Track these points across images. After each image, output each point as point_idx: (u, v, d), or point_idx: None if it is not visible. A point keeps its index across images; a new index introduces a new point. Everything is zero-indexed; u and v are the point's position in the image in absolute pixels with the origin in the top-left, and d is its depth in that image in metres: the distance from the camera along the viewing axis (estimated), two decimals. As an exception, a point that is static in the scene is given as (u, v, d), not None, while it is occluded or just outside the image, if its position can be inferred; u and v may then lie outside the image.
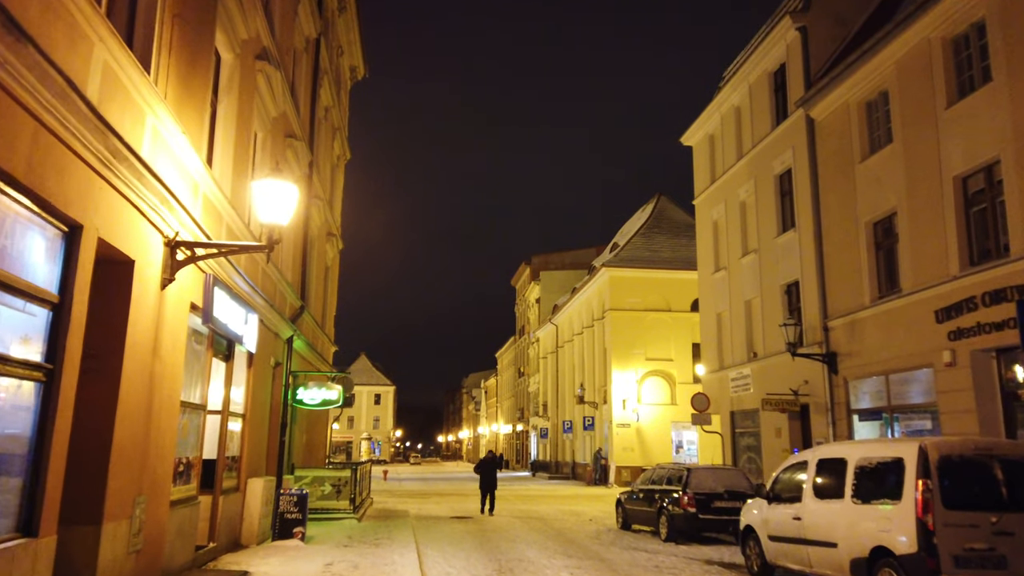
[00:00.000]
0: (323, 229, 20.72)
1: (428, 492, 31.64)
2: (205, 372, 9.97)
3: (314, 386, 16.40)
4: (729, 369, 23.13)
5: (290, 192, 8.04)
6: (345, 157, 25.17)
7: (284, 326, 14.50)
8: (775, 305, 20.45)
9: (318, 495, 16.99)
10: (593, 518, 19.85)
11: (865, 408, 16.55)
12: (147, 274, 7.20)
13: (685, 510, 14.11)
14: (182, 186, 8.06)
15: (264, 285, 12.91)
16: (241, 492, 12.06)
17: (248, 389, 12.34)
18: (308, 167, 17.16)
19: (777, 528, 10.00)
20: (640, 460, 36.44)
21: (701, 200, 26.15)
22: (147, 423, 7.41)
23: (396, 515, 19.35)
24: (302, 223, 16.93)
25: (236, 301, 10.32)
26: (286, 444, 15.84)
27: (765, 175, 21.26)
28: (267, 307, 12.74)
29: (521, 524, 17.95)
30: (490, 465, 20.94)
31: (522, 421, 68.18)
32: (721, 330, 24.22)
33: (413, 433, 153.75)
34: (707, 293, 25.49)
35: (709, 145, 25.65)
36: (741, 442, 22.76)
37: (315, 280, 19.67)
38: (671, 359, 37.96)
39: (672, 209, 44.55)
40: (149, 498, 7.54)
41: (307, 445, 19.70)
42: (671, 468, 15.67)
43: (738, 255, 22.86)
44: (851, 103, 17.20)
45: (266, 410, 13.82)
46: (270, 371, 14.05)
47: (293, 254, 16.22)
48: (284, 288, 14.79)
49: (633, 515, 16.58)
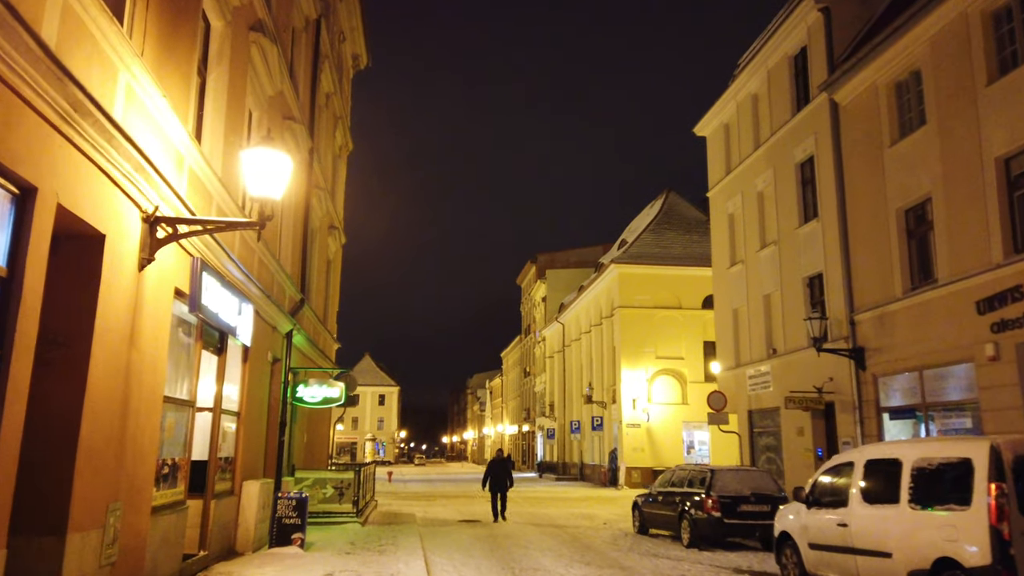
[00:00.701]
0: (325, 221, 19.92)
1: (434, 494, 30.82)
2: (194, 366, 9.16)
3: (315, 384, 15.61)
4: (747, 366, 22.25)
5: (283, 163, 7.22)
6: (348, 148, 24.36)
7: (283, 319, 13.70)
8: (796, 299, 19.58)
9: (319, 498, 16.18)
10: (607, 522, 18.99)
11: (896, 406, 15.67)
12: (121, 251, 6.39)
13: (709, 514, 13.25)
14: (163, 157, 7.24)
15: (260, 275, 12.10)
16: (236, 496, 11.25)
17: (243, 385, 11.53)
18: (308, 154, 16.36)
19: (819, 535, 9.14)
20: (651, 461, 35.59)
21: (716, 192, 25.28)
22: (123, 420, 6.60)
23: (401, 519, 18.53)
24: (302, 212, 16.13)
25: (228, 289, 9.51)
26: (285, 444, 15.04)
27: (785, 164, 20.39)
28: (264, 298, 11.93)
29: (533, 529, 17.10)
30: (500, 466, 19.37)
31: (528, 422, 67.32)
32: (738, 326, 23.34)
33: (418, 434, 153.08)
34: (722, 288, 24.61)
35: (724, 135, 24.78)
36: (760, 442, 21.87)
37: (316, 274, 18.87)
38: (682, 357, 37.07)
39: (682, 205, 43.68)
40: (126, 504, 6.72)
41: (308, 446, 18.90)
42: (692, 469, 14.80)
43: (756, 248, 21.99)
44: (879, 85, 16.32)
45: (263, 408, 13.01)
46: (268, 367, 13.24)
47: (293, 245, 15.41)
48: (282, 279, 13.98)
49: (651, 519, 15.73)
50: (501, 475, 18.93)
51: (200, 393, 9.65)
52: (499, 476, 18.92)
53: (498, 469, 19.12)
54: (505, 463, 19.49)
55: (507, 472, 19.07)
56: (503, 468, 19.15)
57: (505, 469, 19.13)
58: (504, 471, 19.03)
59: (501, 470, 19.06)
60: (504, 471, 19.03)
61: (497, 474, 18.99)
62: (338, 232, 22.12)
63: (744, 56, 23.80)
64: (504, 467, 19.20)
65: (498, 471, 19.05)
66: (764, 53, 21.61)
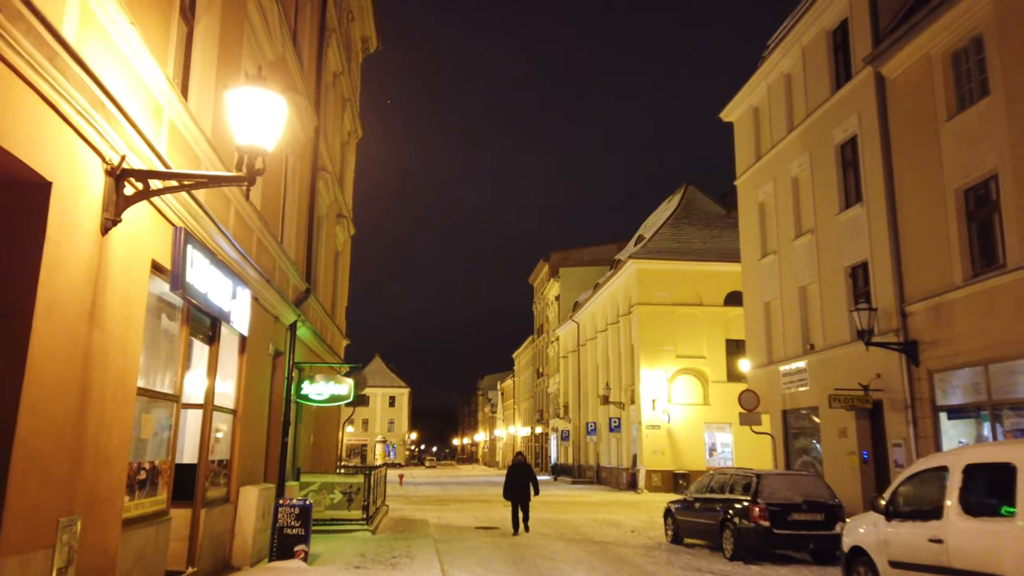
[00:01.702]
0: (333, 209, 18.74)
1: (447, 498, 29.58)
2: (179, 355, 7.96)
3: (321, 380, 14.43)
4: (780, 364, 20.91)
5: (277, 106, 6.00)
6: (357, 135, 23.20)
7: (286, 309, 12.51)
8: (837, 290, 18.24)
9: (327, 504, 14.97)
10: (635, 529, 17.70)
11: (955, 404, 14.33)
12: (76, 208, 5.20)
13: (757, 523, 11.94)
14: (133, 100, 6.05)
15: (260, 258, 10.92)
16: (232, 503, 10.05)
17: (240, 380, 10.34)
18: (314, 132, 15.19)
19: (903, 552, 7.84)
20: (671, 464, 34.27)
21: (744, 180, 23.96)
22: (81, 415, 5.41)
23: (414, 526, 17.30)
24: (307, 196, 14.95)
25: (220, 269, 8.32)
26: (289, 446, 13.85)
27: (823, 146, 19.06)
28: (263, 283, 10.74)
29: (556, 537, 15.84)
30: (520, 471, 16.91)
31: (541, 423, 66.01)
32: (770, 321, 22.00)
33: (428, 436, 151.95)
34: (752, 281, 23.27)
35: (753, 119, 23.45)
36: (795, 444, 20.53)
37: (324, 264, 17.70)
38: (703, 356, 35.73)
39: (701, 199, 42.33)
40: (86, 517, 5.52)
41: (315, 448, 17.70)
42: (734, 474, 13.49)
43: (790, 237, 20.65)
44: (933, 55, 14.99)
45: (264, 406, 11.82)
46: (269, 360, 12.05)
47: (297, 230, 14.23)
48: (286, 265, 12.79)
49: (686, 527, 14.43)
50: (522, 483, 16.56)
51: (187, 387, 8.45)
52: (520, 484, 16.54)
53: (518, 476, 16.76)
54: (525, 469, 17.01)
55: (529, 479, 16.67)
56: (524, 474, 16.79)
57: (526, 476, 16.73)
58: (525, 478, 16.66)
59: (521, 477, 16.71)
60: (525, 478, 16.66)
61: (517, 482, 16.62)
62: (347, 222, 20.94)
63: (774, 36, 22.48)
64: (524, 473, 16.81)
65: (518, 478, 16.70)
66: (798, 30, 20.30)
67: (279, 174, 12.38)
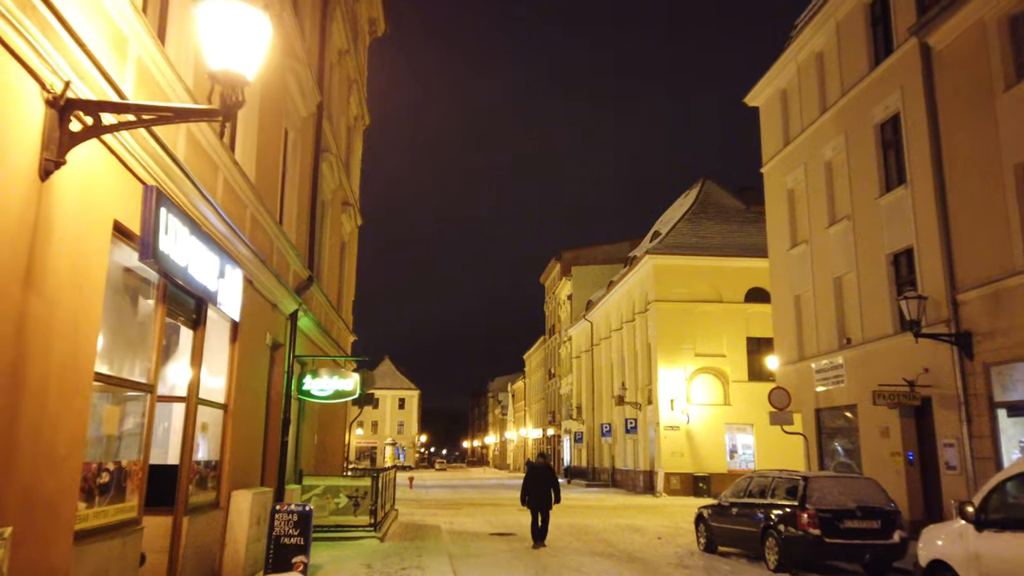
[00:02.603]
0: (338, 195, 17.67)
1: (459, 501, 28.45)
2: (154, 339, 6.88)
3: (326, 375, 13.37)
4: (813, 359, 19.67)
5: (258, 26, 4.88)
6: (364, 121, 22.15)
7: (285, 296, 11.43)
8: (877, 280, 17.00)
9: (331, 509, 13.88)
10: (661, 536, 16.52)
11: (1017, 400, 13.09)
12: (3, 141, 4.12)
13: (805, 532, 10.75)
14: (84, 20, 4.97)
15: (255, 236, 9.84)
16: (222, 509, 8.97)
17: (232, 372, 9.25)
18: (317, 109, 14.12)
19: (1003, 568, 6.66)
20: (690, 466, 33.03)
21: (771, 167, 22.74)
22: (12, 402, 4.32)
23: (425, 532, 16.19)
24: (309, 176, 13.88)
25: (204, 241, 7.24)
26: (290, 446, 12.76)
27: (861, 126, 17.84)
28: (258, 265, 9.67)
29: (579, 544, 14.70)
30: (541, 475, 14.59)
31: (553, 425, 64.80)
32: (801, 315, 20.77)
33: (438, 439, 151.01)
34: (781, 273, 22.05)
35: (781, 102, 22.24)
36: (829, 445, 19.29)
37: (328, 253, 16.62)
38: (723, 355, 34.47)
39: (718, 193, 41.07)
40: (22, 530, 4.44)
41: (320, 448, 16.61)
42: (777, 477, 12.28)
43: (823, 225, 19.42)
44: (988, 21, 13.78)
45: (260, 401, 10.73)
46: (266, 352, 10.97)
47: (298, 213, 13.16)
48: (285, 248, 11.72)
49: (721, 535, 13.25)
50: (543, 487, 14.31)
51: (166, 377, 7.39)
52: (541, 490, 14.30)
53: (539, 481, 14.46)
54: (547, 472, 14.72)
55: (551, 485, 14.45)
56: (545, 479, 14.48)
57: (548, 481, 14.49)
58: (547, 483, 14.42)
59: (543, 482, 14.43)
60: (547, 483, 14.42)
61: (538, 487, 14.35)
62: (353, 211, 19.88)
63: (804, 14, 21.26)
64: (546, 478, 14.53)
65: (539, 483, 14.40)
66: (831, 4, 19.08)
67: (277, 146, 11.31)
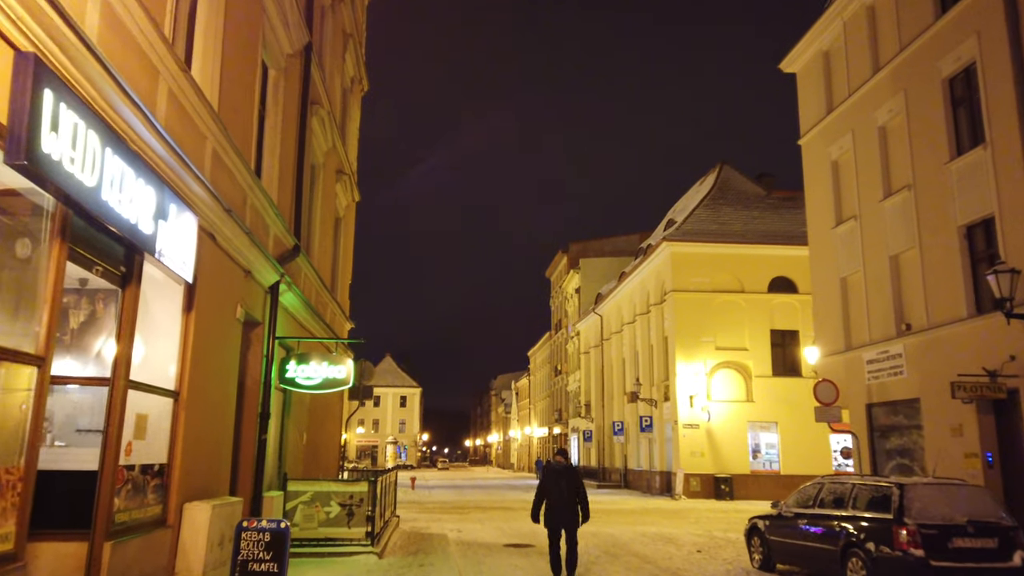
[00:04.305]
0: (331, 160, 15.59)
1: (465, 504, 26.37)
2: (45, 291, 4.79)
3: (314, 361, 11.28)
4: (864, 349, 17.56)
5: None
6: (362, 85, 20.07)
7: (263, 263, 9.35)
8: (946, 256, 14.89)
9: (321, 519, 11.78)
10: (700, 548, 14.43)
11: None
12: None
13: (905, 552, 8.65)
14: None
15: (219, 178, 7.77)
16: (171, 527, 6.90)
17: (186, 349, 7.18)
18: (304, 51, 12.04)
19: None
20: (711, 467, 30.94)
21: (811, 138, 20.61)
22: None
23: (431, 543, 14.13)
24: (294, 127, 11.79)
25: (130, 162, 5.20)
26: (270, 445, 10.70)
27: (924, 83, 15.72)
28: (222, 215, 7.60)
29: (608, 560, 12.62)
30: (561, 479, 9.95)
31: (560, 423, 62.72)
32: (848, 299, 18.65)
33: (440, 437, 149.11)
34: (823, 255, 19.92)
35: (823, 65, 20.11)
36: (884, 444, 17.17)
37: (320, 225, 14.54)
38: (746, 348, 32.35)
39: (737, 179, 38.98)
40: None
41: (310, 448, 14.51)
42: (860, 483, 10.15)
43: (877, 198, 17.30)
44: (1095, -56, 11.68)
45: (228, 389, 8.66)
46: (236, 328, 8.89)
47: (281, 168, 11.07)
48: (263, 205, 9.63)
49: (783, 551, 11.15)
50: (565, 498, 9.85)
51: (70, 348, 5.32)
52: (561, 500, 9.84)
53: (559, 487, 9.91)
54: (569, 476, 10.04)
55: (575, 491, 9.91)
56: (568, 485, 9.93)
57: (571, 487, 9.93)
58: (569, 490, 9.89)
59: (564, 488, 9.90)
60: (569, 490, 9.89)
61: (559, 496, 9.86)
62: (349, 182, 17.79)
63: (849, -33, 19.13)
64: (568, 483, 9.95)
65: (560, 491, 9.88)
66: (886, -50, 16.98)
67: (250, 78, 9.22)
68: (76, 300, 5.79)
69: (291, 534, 11.56)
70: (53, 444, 5.72)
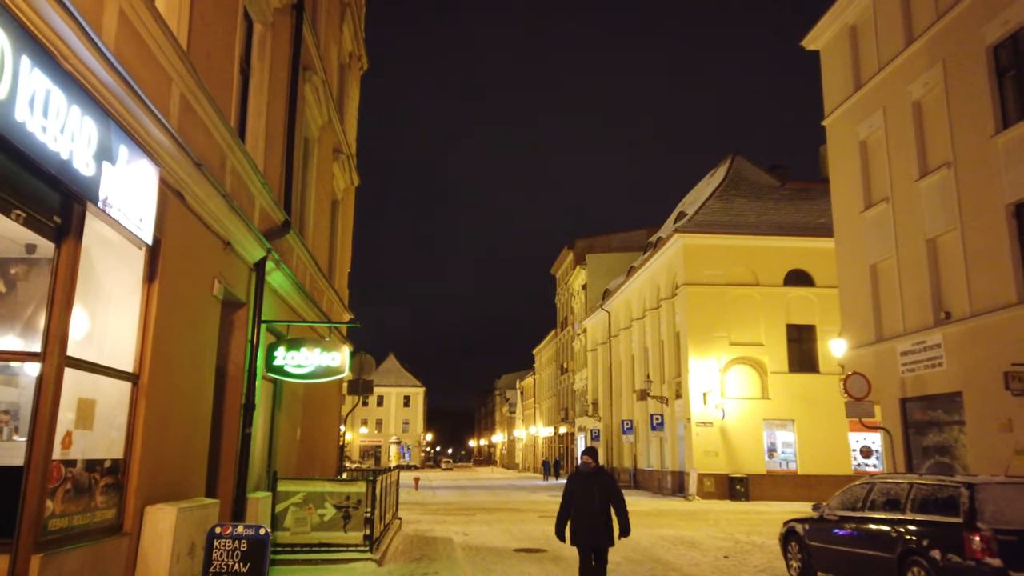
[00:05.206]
0: (327, 137, 14.54)
1: (470, 505, 25.30)
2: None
3: (305, 348, 10.21)
4: (897, 340, 16.44)
5: None
6: (361, 63, 19.02)
7: (246, 235, 8.28)
8: (991, 237, 13.78)
9: (314, 523, 10.71)
10: (727, 554, 13.34)
11: None
12: None
13: (978, 562, 7.54)
14: None
15: (188, 128, 6.71)
16: (128, 535, 5.83)
17: (148, 325, 6.12)
18: (294, 8, 10.97)
19: None
20: (726, 467, 29.81)
21: (836, 117, 19.49)
22: None
23: (435, 548, 13.06)
24: (283, 91, 10.73)
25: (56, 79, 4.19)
26: (256, 440, 9.65)
27: (965, 52, 14.61)
28: (192, 171, 6.53)
29: (631, 568, 11.57)
30: (592, 487, 8.01)
31: (566, 423, 61.60)
32: (878, 287, 17.53)
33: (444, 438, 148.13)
34: (851, 240, 18.78)
35: (849, 41, 18.99)
36: (920, 442, 16.05)
37: (315, 204, 13.47)
38: (761, 344, 31.22)
39: (750, 169, 37.84)
40: None
41: (305, 444, 13.42)
42: (919, 483, 9.03)
43: (911, 178, 16.18)
44: None
45: (204, 375, 7.58)
46: (213, 306, 7.81)
47: (268, 135, 10.01)
48: (245, 169, 8.56)
49: (826, 559, 10.04)
50: (597, 507, 7.88)
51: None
52: (593, 510, 7.87)
53: (590, 497, 7.95)
54: (604, 480, 8.13)
55: (612, 501, 7.97)
56: (601, 493, 7.97)
57: (605, 497, 7.96)
58: (602, 497, 7.95)
59: (597, 498, 7.93)
60: (602, 497, 7.95)
61: (588, 507, 7.90)
62: (347, 162, 16.72)
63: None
64: (602, 491, 7.99)
65: (590, 501, 7.93)
66: (921, -88, 15.87)
67: (228, 23, 8.14)
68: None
69: (282, 539, 10.56)
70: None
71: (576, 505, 8.01)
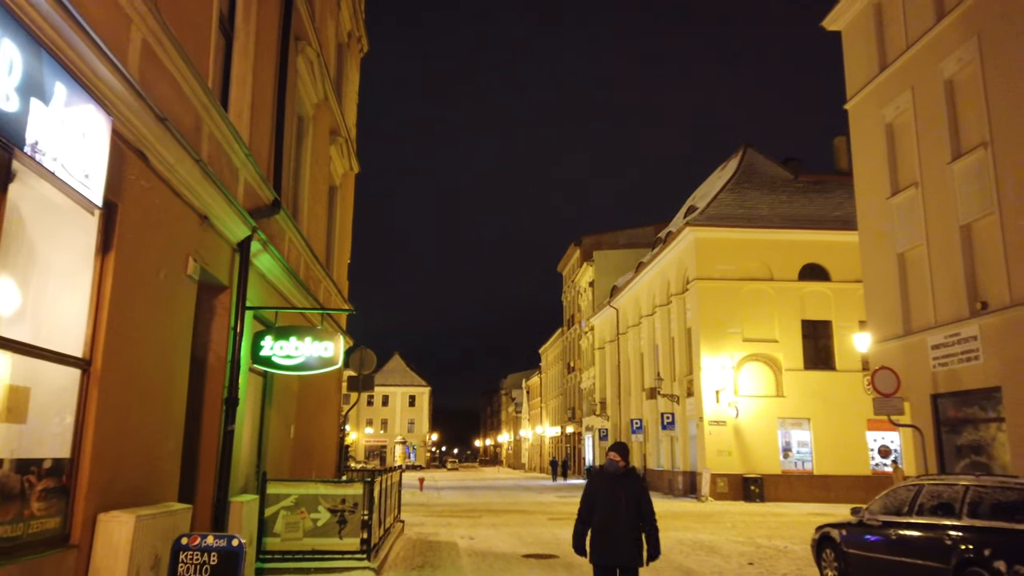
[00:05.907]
0: (324, 117, 13.70)
1: (476, 507, 24.44)
2: None
3: (295, 337, 9.34)
4: (928, 332, 15.52)
5: None
6: (361, 46, 18.19)
7: (226, 210, 7.44)
8: (1034, 221, 12.86)
9: (306, 528, 9.85)
10: (752, 560, 12.45)
11: None
12: None
13: (1053, 575, 6.66)
14: None
15: (151, 77, 5.85)
16: (76, 547, 4.99)
17: (103, 303, 5.28)
18: (286, -30, 10.12)
19: None
20: (739, 467, 28.90)
21: (860, 100, 18.57)
22: None
23: (439, 554, 12.21)
24: (272, 63, 9.88)
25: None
26: (242, 438, 8.81)
27: (1000, 27, 13.70)
28: (158, 130, 5.69)
29: (649, 574, 10.67)
30: (618, 490, 6.56)
31: (573, 422, 60.72)
32: (907, 277, 16.61)
33: (449, 437, 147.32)
34: (877, 228, 17.86)
35: (874, 18, 18.07)
36: (953, 440, 15.12)
37: (309, 185, 12.62)
38: (775, 340, 30.31)
39: (762, 162, 36.94)
40: None
41: (300, 443, 12.56)
42: (976, 485, 8.13)
43: (943, 160, 15.26)
44: None
45: (175, 364, 6.73)
46: (186, 286, 6.96)
47: (256, 105, 9.16)
48: (227, 138, 7.71)
49: (867, 567, 9.15)
50: (623, 516, 6.49)
51: None
52: (619, 519, 6.48)
53: (616, 503, 6.52)
54: (631, 482, 6.69)
55: (638, 507, 6.56)
56: (629, 495, 6.56)
57: (632, 502, 6.54)
58: (630, 504, 6.53)
59: (624, 500, 6.52)
60: (630, 504, 6.53)
61: (613, 513, 6.50)
62: (345, 146, 15.88)
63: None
64: (628, 496, 6.54)
65: (615, 507, 6.52)
66: None
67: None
68: None
69: (271, 546, 9.70)
70: None
71: (598, 514, 6.55)
